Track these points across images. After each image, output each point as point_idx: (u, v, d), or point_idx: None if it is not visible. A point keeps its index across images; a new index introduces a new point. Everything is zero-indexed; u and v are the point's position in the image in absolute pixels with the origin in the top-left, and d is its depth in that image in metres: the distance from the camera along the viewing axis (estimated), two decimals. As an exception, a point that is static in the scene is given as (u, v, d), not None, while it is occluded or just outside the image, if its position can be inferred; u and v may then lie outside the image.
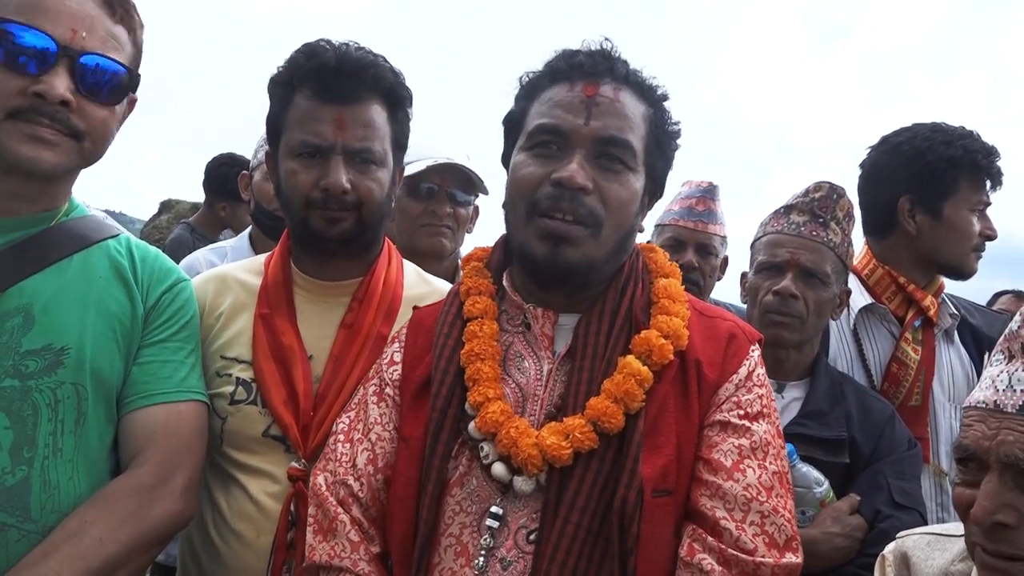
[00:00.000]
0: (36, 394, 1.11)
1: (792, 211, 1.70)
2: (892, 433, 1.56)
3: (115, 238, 1.28)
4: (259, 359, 1.37)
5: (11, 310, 1.12)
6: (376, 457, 1.15)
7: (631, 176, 1.13)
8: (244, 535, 1.33)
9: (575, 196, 1.09)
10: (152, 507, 1.14)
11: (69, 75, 1.10)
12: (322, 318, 1.43)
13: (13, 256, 1.14)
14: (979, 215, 1.85)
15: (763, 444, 1.09)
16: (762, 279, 1.68)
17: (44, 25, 1.08)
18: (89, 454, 1.15)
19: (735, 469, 1.06)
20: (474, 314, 1.18)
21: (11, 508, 1.06)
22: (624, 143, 1.12)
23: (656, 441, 1.06)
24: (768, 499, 1.05)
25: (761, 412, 1.12)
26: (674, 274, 1.23)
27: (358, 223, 1.38)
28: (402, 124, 1.44)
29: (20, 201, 1.17)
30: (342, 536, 1.11)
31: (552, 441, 1.04)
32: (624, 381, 1.06)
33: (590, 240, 1.10)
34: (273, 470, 1.34)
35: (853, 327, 1.87)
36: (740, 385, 1.12)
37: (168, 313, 1.28)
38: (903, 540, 1.11)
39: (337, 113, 1.35)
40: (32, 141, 1.10)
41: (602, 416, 1.05)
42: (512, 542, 1.05)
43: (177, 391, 1.24)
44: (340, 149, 1.35)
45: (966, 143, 1.82)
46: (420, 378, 1.16)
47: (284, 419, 1.33)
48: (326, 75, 1.34)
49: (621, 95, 1.14)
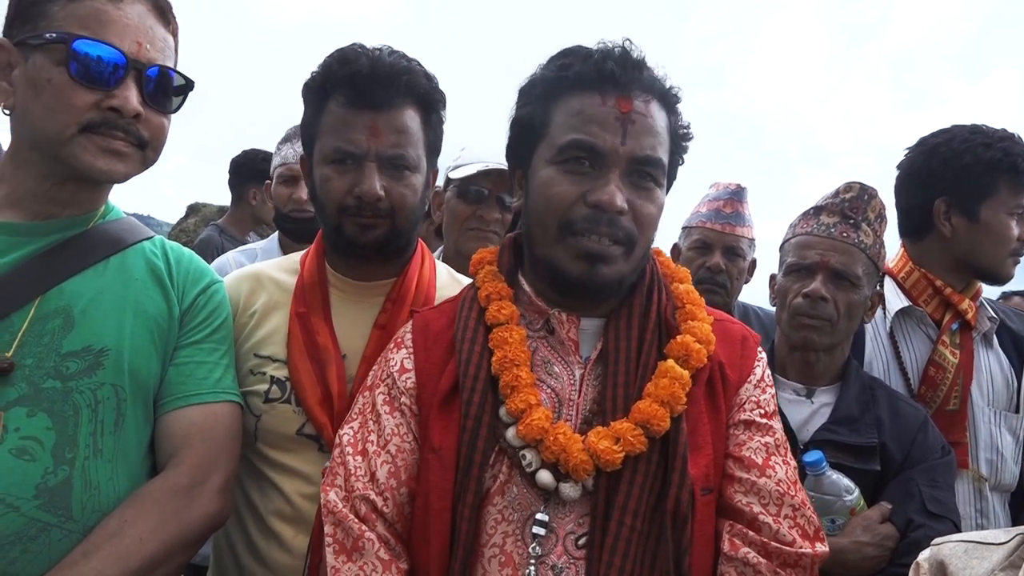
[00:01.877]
0: (77, 395, 1.13)
1: (822, 212, 1.67)
2: (925, 439, 1.53)
3: (150, 240, 1.30)
4: (294, 358, 1.39)
5: (51, 312, 1.14)
6: (399, 470, 1.12)
7: (659, 191, 1.14)
8: (281, 535, 1.35)
9: (613, 219, 1.08)
10: (190, 507, 1.16)
11: (137, 87, 1.14)
12: (356, 318, 1.44)
13: (53, 258, 1.17)
14: (1018, 219, 1.81)
15: (782, 441, 1.15)
16: (791, 281, 1.66)
17: (112, 39, 1.11)
18: (128, 454, 1.17)
19: (766, 465, 1.10)
20: (500, 320, 1.16)
21: (53, 508, 1.08)
22: (658, 162, 1.12)
23: (697, 441, 1.09)
24: (796, 493, 1.10)
25: (775, 411, 1.18)
26: (687, 279, 1.25)
27: (392, 229, 1.39)
28: (436, 129, 1.45)
29: (64, 206, 1.20)
30: (371, 555, 1.06)
31: (604, 446, 1.04)
32: (670, 384, 1.08)
33: (623, 258, 1.11)
34: (307, 470, 1.35)
35: (890, 330, 1.84)
36: (758, 385, 1.17)
37: (203, 314, 1.30)
38: (939, 547, 1.09)
39: (371, 120, 1.35)
40: (107, 154, 1.14)
41: (651, 419, 1.06)
42: (562, 548, 1.05)
43: (212, 392, 1.25)
44: (374, 156, 1.35)
45: (1006, 145, 1.79)
46: (445, 387, 1.13)
47: (319, 419, 1.34)
48: (359, 82, 1.34)
49: (651, 108, 1.12)
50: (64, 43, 1.09)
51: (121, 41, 1.12)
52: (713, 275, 2.29)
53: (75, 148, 1.12)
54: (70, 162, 1.13)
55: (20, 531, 1.05)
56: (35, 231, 1.17)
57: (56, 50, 1.10)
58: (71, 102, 1.10)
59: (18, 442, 1.07)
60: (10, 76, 1.14)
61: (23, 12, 1.13)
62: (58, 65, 1.10)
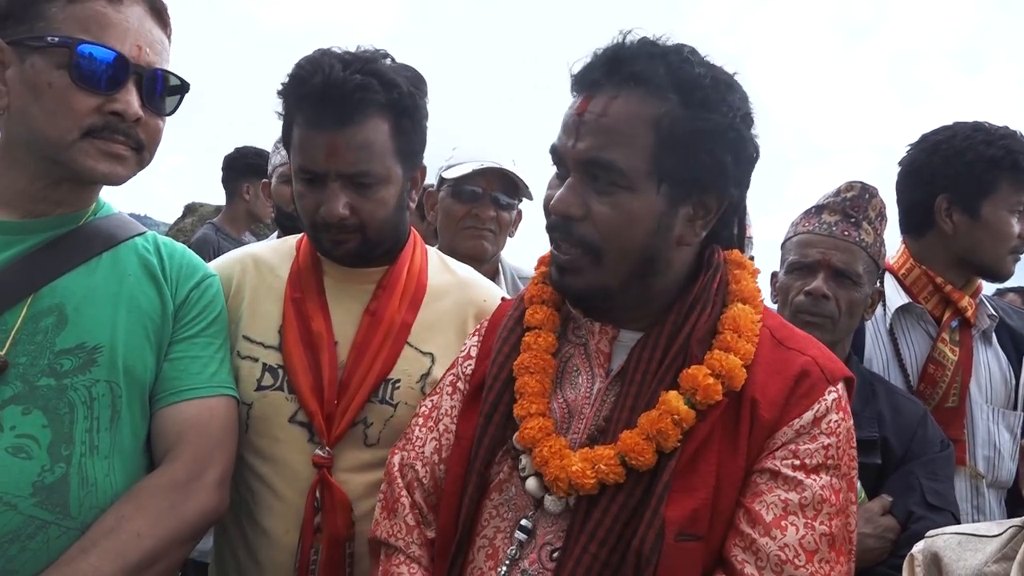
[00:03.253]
0: (72, 392, 1.12)
1: (824, 211, 1.67)
2: (924, 434, 1.54)
3: (142, 235, 1.30)
4: (288, 344, 1.38)
5: (44, 310, 1.14)
6: (441, 447, 1.19)
7: (627, 196, 1.01)
8: (271, 532, 1.35)
9: (565, 224, 1.04)
10: (187, 502, 1.16)
11: (137, 91, 1.14)
12: (348, 304, 1.44)
13: (45, 256, 1.16)
14: (1019, 216, 1.81)
15: (816, 501, 0.98)
16: (793, 279, 1.66)
17: (112, 43, 1.11)
18: (124, 451, 1.17)
19: (774, 525, 0.97)
20: (532, 324, 1.15)
21: (51, 505, 1.07)
22: (606, 164, 1.01)
23: (691, 483, 0.98)
24: (807, 563, 0.95)
25: (823, 464, 1.00)
26: (752, 300, 1.10)
27: (363, 243, 1.39)
28: (410, 133, 1.39)
29: (56, 204, 1.19)
30: (400, 517, 1.17)
31: (578, 468, 1.01)
32: (660, 419, 0.99)
33: (591, 267, 1.04)
34: (297, 462, 1.35)
35: (889, 327, 1.84)
36: (802, 432, 1.00)
37: (197, 309, 1.29)
38: (933, 540, 1.09)
39: (328, 139, 1.31)
40: (108, 158, 1.14)
41: (631, 452, 0.99)
42: (536, 556, 1.05)
43: (207, 386, 1.25)
44: (335, 175, 1.33)
45: (1008, 143, 1.79)
46: (478, 379, 1.17)
47: (310, 406, 1.34)
48: (314, 103, 1.31)
49: (614, 104, 1.01)
50: (67, 47, 1.08)
51: (122, 45, 1.11)
52: None
53: (76, 153, 1.12)
54: (71, 166, 1.13)
55: (18, 529, 1.05)
56: (26, 229, 1.17)
57: (58, 53, 1.09)
58: (73, 106, 1.10)
59: (14, 440, 1.07)
60: (3, 75, 1.13)
61: (17, 12, 1.11)
62: (59, 68, 1.09)
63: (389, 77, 1.34)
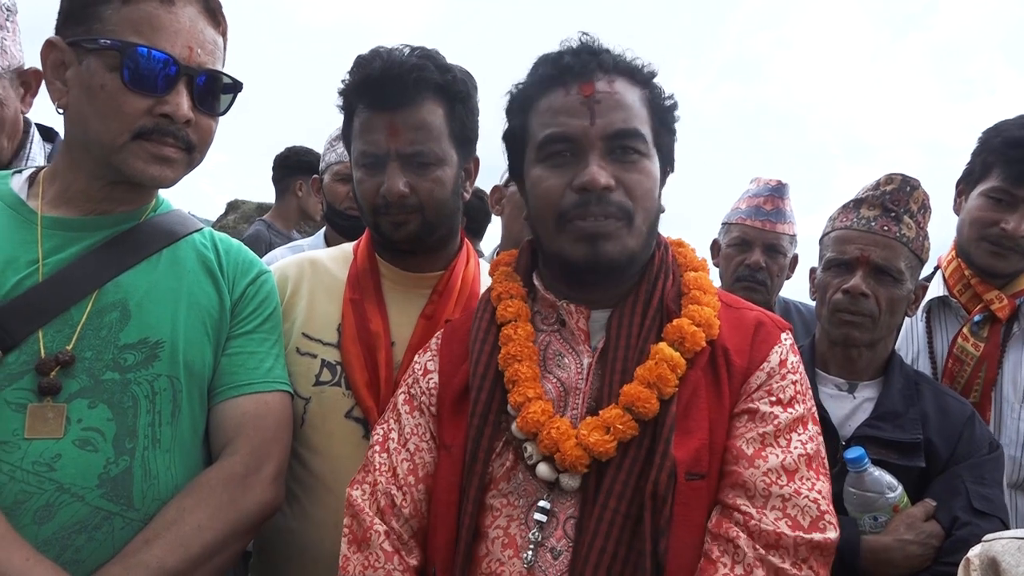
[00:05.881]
0: (135, 386, 1.15)
1: (862, 205, 1.63)
2: (971, 435, 1.50)
3: (200, 232, 1.32)
4: (346, 341, 1.43)
5: (108, 305, 1.17)
6: (416, 467, 1.17)
7: (647, 162, 1.15)
8: (322, 524, 1.38)
9: (602, 197, 1.10)
10: (245, 495, 1.19)
11: (188, 92, 1.15)
12: (405, 307, 1.48)
13: (108, 253, 1.19)
14: (996, 204, 1.79)
15: (788, 428, 1.10)
16: (831, 276, 1.62)
17: (164, 45, 1.12)
18: (184, 444, 1.20)
19: (756, 456, 1.07)
20: (507, 318, 1.19)
21: (116, 497, 1.11)
22: (634, 132, 1.13)
23: (688, 425, 1.08)
24: (789, 482, 1.06)
25: (794, 398, 1.13)
26: (703, 268, 1.24)
27: (423, 224, 1.42)
28: (463, 119, 1.45)
29: (116, 203, 1.22)
30: (376, 547, 1.12)
31: (596, 438, 1.05)
32: (657, 366, 1.08)
33: (624, 231, 1.12)
34: (351, 457, 1.37)
35: (927, 319, 1.83)
36: (773, 373, 1.13)
37: (253, 304, 1.32)
38: (990, 544, 1.07)
39: (388, 120, 1.39)
40: (158, 161, 1.15)
41: (636, 401, 1.06)
42: (562, 531, 1.08)
43: (264, 381, 1.28)
44: (395, 155, 1.39)
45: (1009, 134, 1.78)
46: (458, 386, 1.18)
47: (366, 402, 1.39)
48: (374, 86, 1.39)
49: (616, 85, 1.14)
50: (118, 50, 1.10)
51: (172, 46, 1.12)
52: (753, 272, 2.27)
53: (127, 155, 1.13)
54: (122, 168, 1.14)
55: (85, 519, 1.08)
56: (89, 226, 1.20)
57: (110, 55, 1.10)
58: (124, 109, 1.11)
59: (81, 433, 1.10)
60: (64, 75, 1.15)
61: (76, 13, 1.14)
62: (111, 71, 1.11)
63: (443, 61, 1.44)
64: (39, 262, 1.15)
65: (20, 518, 1.06)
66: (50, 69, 1.16)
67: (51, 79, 1.16)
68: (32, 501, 1.07)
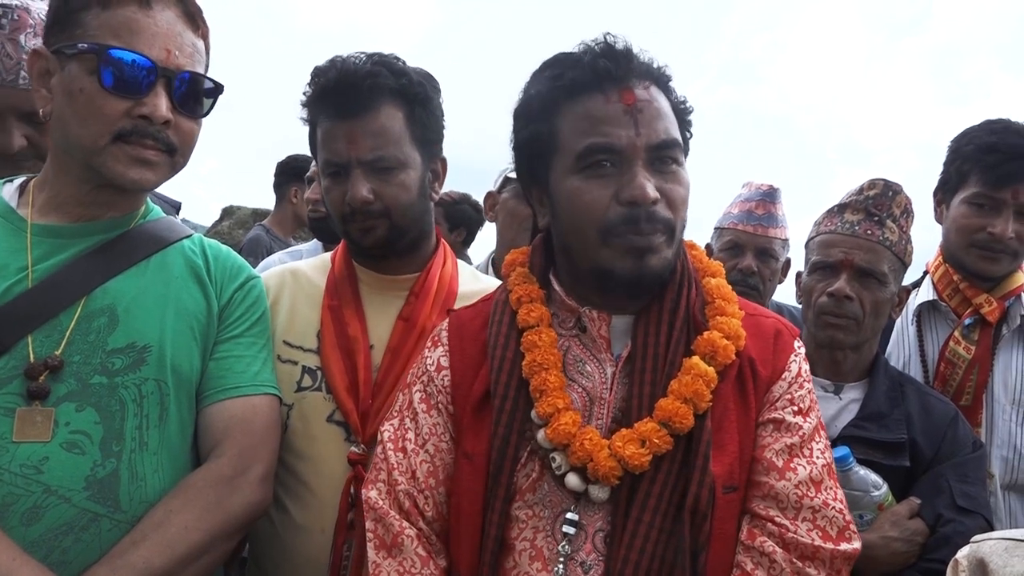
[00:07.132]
0: (122, 390, 1.17)
1: (846, 210, 1.66)
2: (955, 435, 1.53)
3: (189, 238, 1.34)
4: (326, 347, 1.45)
5: (97, 310, 1.18)
6: (436, 469, 1.14)
7: (683, 171, 1.13)
8: (307, 528, 1.39)
9: (651, 212, 1.07)
10: (232, 497, 1.19)
11: (167, 94, 1.16)
12: (383, 309, 1.50)
13: (97, 259, 1.20)
14: (978, 209, 1.81)
15: (810, 438, 1.12)
16: (816, 280, 1.65)
17: (142, 48, 1.13)
18: (171, 447, 1.21)
19: (786, 468, 1.08)
20: (530, 323, 1.16)
21: (103, 499, 1.12)
22: (674, 142, 1.11)
23: (722, 439, 1.07)
24: (817, 493, 1.08)
25: (811, 407, 1.15)
26: (720, 273, 1.23)
27: (391, 228, 1.44)
28: (423, 120, 1.46)
29: (105, 208, 1.23)
30: (410, 551, 1.09)
31: (631, 451, 1.04)
32: (693, 382, 1.07)
33: (666, 245, 1.11)
34: (333, 460, 1.40)
35: (918, 323, 1.85)
36: (792, 382, 1.14)
37: (241, 309, 1.33)
38: (978, 545, 1.08)
39: (347, 129, 1.40)
40: (138, 163, 1.16)
41: (673, 417, 1.05)
42: (591, 545, 1.07)
43: (251, 385, 1.29)
44: (356, 163, 1.41)
45: (991, 140, 1.80)
46: (479, 392, 1.15)
47: (346, 405, 1.40)
48: (331, 95, 1.41)
49: (652, 92, 1.11)
50: (95, 53, 1.11)
51: (150, 49, 1.14)
52: (745, 277, 2.28)
53: (107, 158, 1.14)
54: (103, 171, 1.16)
55: (72, 521, 1.09)
56: (79, 233, 1.21)
57: (88, 59, 1.12)
58: (103, 111, 1.13)
59: (68, 436, 1.11)
60: (49, 83, 1.17)
61: (61, 20, 1.15)
62: (90, 74, 1.12)
63: (398, 66, 1.44)
64: (28, 268, 1.16)
65: (8, 520, 1.07)
66: (36, 78, 1.18)
67: (37, 87, 1.18)
68: (20, 503, 1.08)
